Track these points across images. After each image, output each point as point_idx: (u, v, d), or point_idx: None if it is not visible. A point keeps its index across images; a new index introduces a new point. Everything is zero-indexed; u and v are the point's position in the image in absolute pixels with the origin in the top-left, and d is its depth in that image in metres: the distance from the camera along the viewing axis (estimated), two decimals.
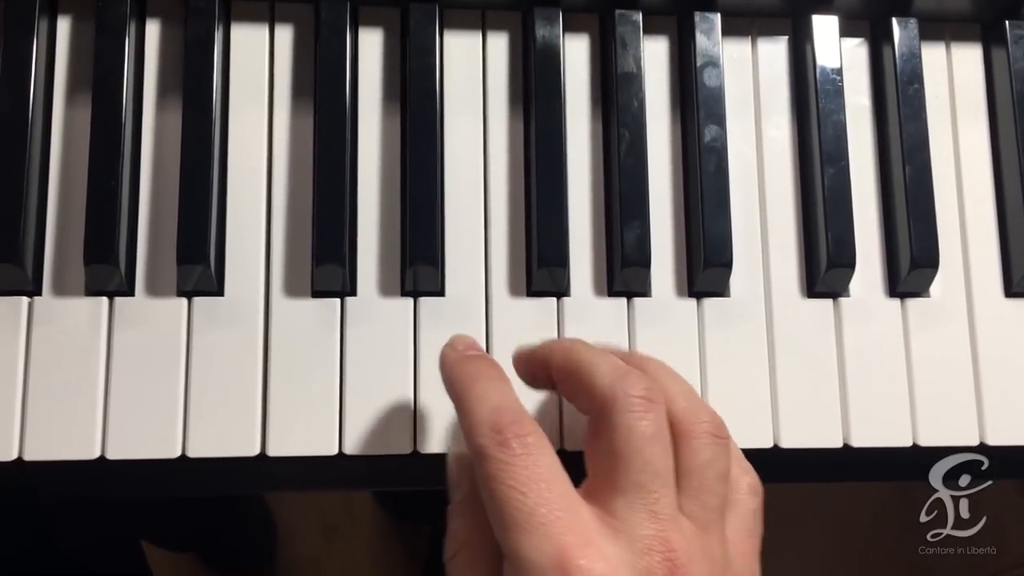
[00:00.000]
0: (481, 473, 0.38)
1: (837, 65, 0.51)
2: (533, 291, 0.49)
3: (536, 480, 0.37)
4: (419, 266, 0.47)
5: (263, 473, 0.47)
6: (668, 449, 0.39)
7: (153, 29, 0.50)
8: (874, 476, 0.51)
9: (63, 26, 0.49)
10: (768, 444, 0.49)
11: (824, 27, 0.52)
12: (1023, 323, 0.51)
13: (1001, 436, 0.50)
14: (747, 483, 0.43)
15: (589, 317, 0.49)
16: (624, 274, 0.49)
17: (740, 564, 0.41)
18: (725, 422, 0.43)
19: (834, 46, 0.51)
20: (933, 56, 0.53)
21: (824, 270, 0.49)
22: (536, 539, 0.36)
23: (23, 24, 0.47)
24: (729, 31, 0.52)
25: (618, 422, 0.39)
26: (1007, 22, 0.52)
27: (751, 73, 0.53)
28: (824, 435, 0.49)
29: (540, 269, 0.48)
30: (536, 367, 0.44)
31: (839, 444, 0.49)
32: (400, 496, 1.22)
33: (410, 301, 0.48)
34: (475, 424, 0.39)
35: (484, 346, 0.48)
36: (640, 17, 0.51)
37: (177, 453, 0.46)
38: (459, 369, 0.42)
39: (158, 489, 0.47)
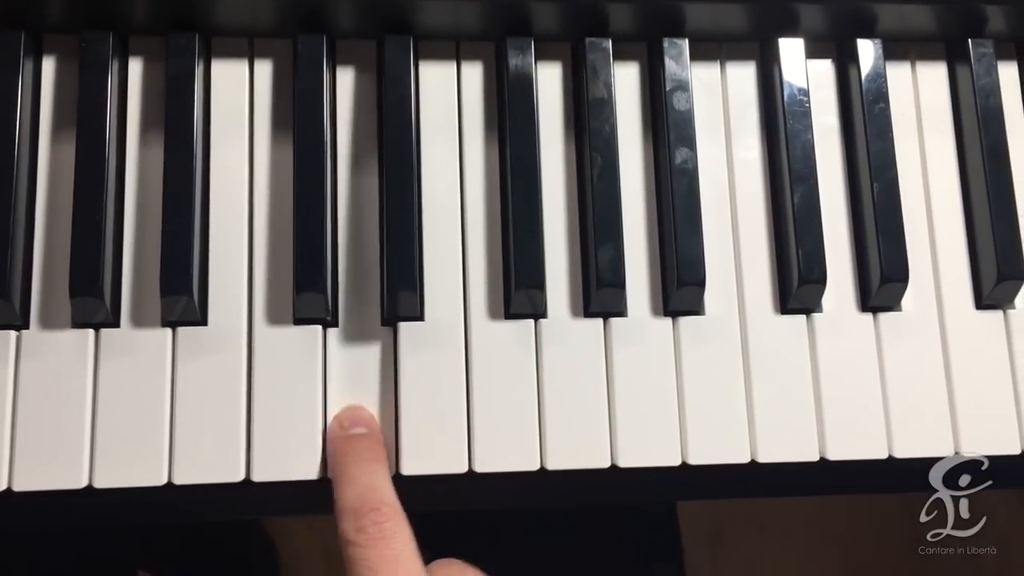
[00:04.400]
0: (345, 556, 0.43)
1: (804, 86, 0.52)
2: (511, 314, 0.50)
3: (387, 562, 0.42)
4: (398, 292, 0.48)
5: (248, 498, 0.48)
6: None
7: (136, 67, 0.51)
8: (852, 489, 0.52)
9: (48, 66, 0.51)
10: (745, 459, 0.50)
11: (790, 50, 0.53)
12: (994, 335, 0.52)
13: (975, 446, 0.51)
14: None
15: (566, 338, 0.50)
16: (599, 295, 0.50)
17: None
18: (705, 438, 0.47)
19: (800, 68, 0.53)
20: (899, 75, 0.55)
21: (796, 287, 0.50)
22: None
23: (8, 64, 0.49)
24: (698, 56, 0.53)
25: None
26: (970, 40, 0.54)
27: (720, 96, 0.54)
28: (801, 449, 0.50)
29: (518, 291, 0.49)
30: None
31: (815, 458, 0.50)
32: None
33: (390, 328, 0.49)
34: (340, 510, 0.45)
35: (464, 368, 0.49)
36: (610, 44, 0.52)
37: (163, 480, 0.47)
38: (338, 447, 0.47)
39: (145, 516, 0.48)
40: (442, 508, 0.50)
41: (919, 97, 0.55)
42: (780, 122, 0.52)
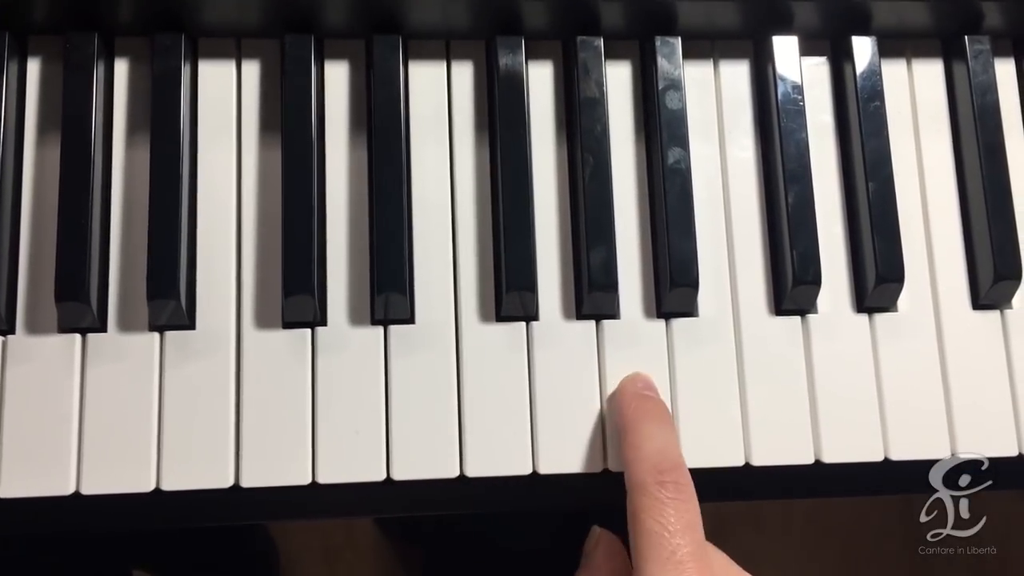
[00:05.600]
0: (636, 503, 0.43)
1: (798, 84, 0.52)
2: (502, 316, 0.50)
3: (682, 524, 0.42)
4: (388, 294, 0.48)
5: (238, 504, 0.48)
6: None
7: (121, 68, 0.51)
8: (851, 491, 0.52)
9: (33, 67, 0.50)
10: (739, 462, 0.49)
11: (784, 47, 0.52)
12: (991, 335, 0.51)
13: (971, 447, 0.50)
14: None
15: (558, 341, 0.49)
16: (591, 297, 0.49)
17: None
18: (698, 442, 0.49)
19: (795, 66, 0.52)
20: (894, 72, 0.54)
21: (790, 287, 0.50)
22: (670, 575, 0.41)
23: None
24: (691, 54, 0.53)
25: None
26: (966, 37, 0.53)
27: (714, 95, 0.53)
28: (795, 452, 0.50)
29: (509, 294, 0.49)
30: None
31: (811, 460, 0.50)
32: (401, 520, 1.22)
33: (380, 329, 0.49)
34: (640, 459, 0.44)
35: (455, 372, 0.49)
36: (602, 43, 0.51)
37: (151, 487, 0.46)
38: (635, 403, 0.47)
39: (133, 522, 0.47)
40: (435, 512, 0.50)
41: (915, 95, 0.54)
42: (774, 121, 0.51)
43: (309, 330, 0.49)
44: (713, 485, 0.50)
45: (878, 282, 0.50)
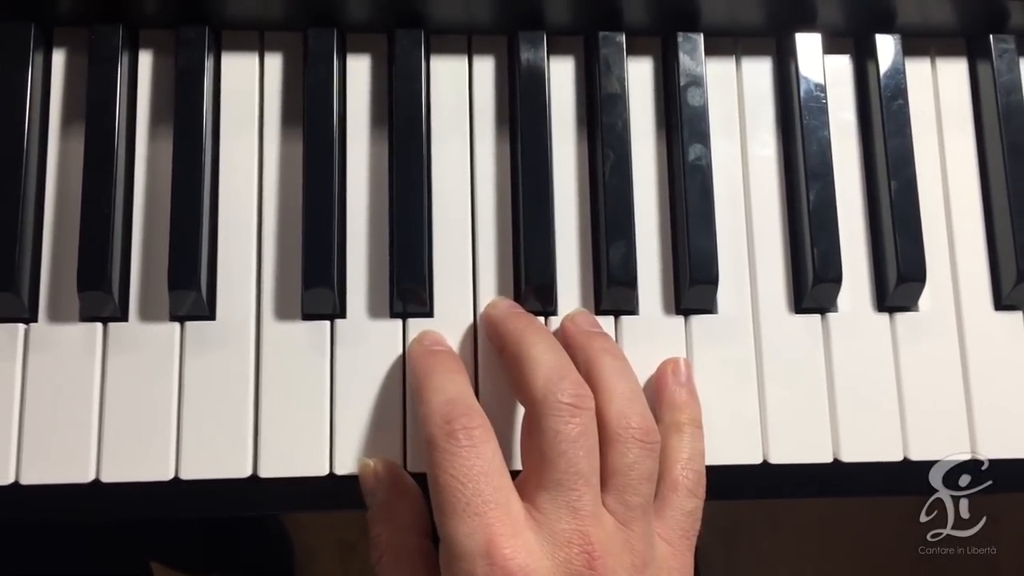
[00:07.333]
0: (429, 460, 0.42)
1: (821, 82, 0.51)
2: None
3: (475, 472, 0.41)
4: (407, 288, 0.48)
5: (255, 494, 0.48)
6: (593, 450, 0.42)
7: (145, 59, 0.51)
8: (865, 491, 0.51)
9: (58, 58, 0.51)
10: (757, 460, 0.49)
11: (808, 45, 0.52)
12: (1013, 336, 0.51)
13: (992, 449, 0.50)
14: (687, 485, 0.46)
15: None
16: (610, 292, 0.49)
17: (668, 560, 0.44)
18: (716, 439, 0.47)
19: (818, 63, 0.52)
20: (918, 71, 0.54)
21: (811, 285, 0.50)
22: (469, 527, 0.40)
23: (19, 57, 0.49)
24: (713, 50, 0.53)
25: (545, 425, 0.42)
26: (991, 36, 0.53)
27: (736, 92, 0.53)
28: (814, 450, 0.49)
29: (528, 288, 0.49)
30: (493, 341, 0.48)
31: (829, 459, 0.49)
32: None
33: (399, 322, 0.49)
34: (428, 413, 0.43)
35: (471, 365, 0.49)
36: (623, 38, 0.51)
37: (170, 475, 0.47)
38: (422, 361, 0.46)
39: (152, 511, 0.48)
40: None
41: (939, 94, 0.54)
42: (796, 118, 0.51)
43: (328, 322, 0.49)
44: (728, 482, 0.50)
45: (899, 281, 0.50)
